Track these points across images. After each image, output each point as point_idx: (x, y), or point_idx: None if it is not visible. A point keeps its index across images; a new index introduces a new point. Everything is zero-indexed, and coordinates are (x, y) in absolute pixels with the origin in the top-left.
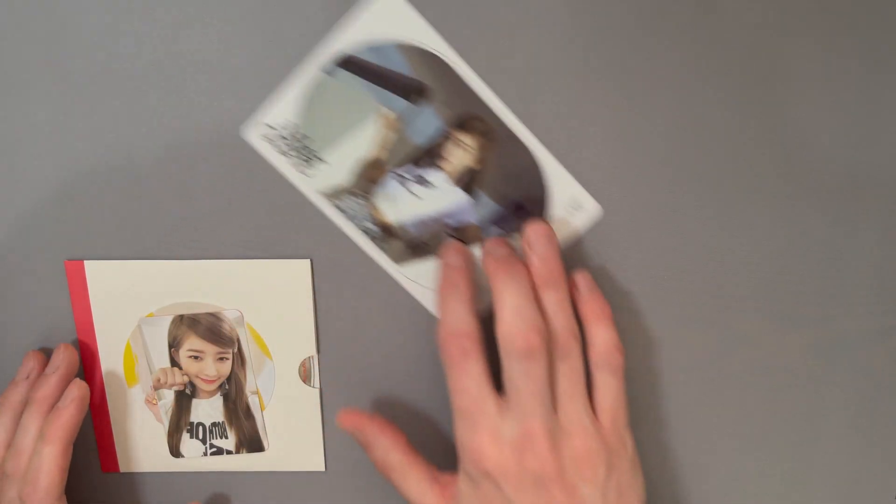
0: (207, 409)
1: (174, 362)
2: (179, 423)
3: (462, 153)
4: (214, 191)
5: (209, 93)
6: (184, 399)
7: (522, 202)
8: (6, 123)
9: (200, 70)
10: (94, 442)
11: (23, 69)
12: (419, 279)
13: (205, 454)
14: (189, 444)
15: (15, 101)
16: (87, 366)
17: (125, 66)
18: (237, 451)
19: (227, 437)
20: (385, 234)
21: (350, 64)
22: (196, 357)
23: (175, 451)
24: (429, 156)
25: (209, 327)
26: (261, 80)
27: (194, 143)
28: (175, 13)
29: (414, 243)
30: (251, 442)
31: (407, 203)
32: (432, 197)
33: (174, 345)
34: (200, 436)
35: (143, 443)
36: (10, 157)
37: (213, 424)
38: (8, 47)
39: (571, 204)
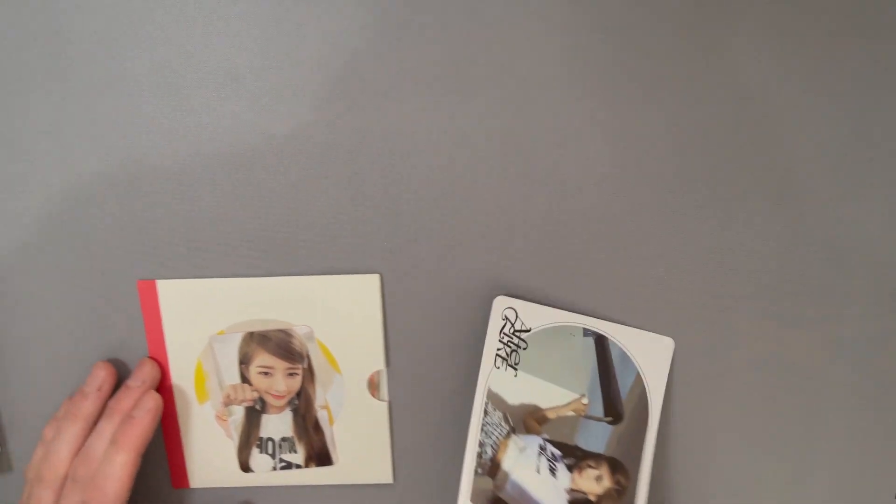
0: (277, 424)
1: (244, 378)
2: (249, 439)
3: (594, 485)
4: (284, 207)
5: (273, 102)
6: (253, 415)
7: None
8: (91, 153)
9: (238, 77)
10: (164, 458)
11: (27, 78)
12: None
13: (274, 469)
14: (258, 459)
15: (86, 126)
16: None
17: (177, 79)
18: (306, 465)
19: (296, 452)
20: (490, 468)
21: (598, 339)
22: (266, 373)
23: (245, 467)
24: (573, 458)
25: (279, 343)
26: (302, 84)
27: (265, 159)
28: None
29: (498, 499)
30: (320, 456)
31: (526, 466)
32: (545, 483)
33: (244, 361)
34: (270, 451)
35: (214, 458)
36: (84, 181)
37: (283, 439)
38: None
39: None
